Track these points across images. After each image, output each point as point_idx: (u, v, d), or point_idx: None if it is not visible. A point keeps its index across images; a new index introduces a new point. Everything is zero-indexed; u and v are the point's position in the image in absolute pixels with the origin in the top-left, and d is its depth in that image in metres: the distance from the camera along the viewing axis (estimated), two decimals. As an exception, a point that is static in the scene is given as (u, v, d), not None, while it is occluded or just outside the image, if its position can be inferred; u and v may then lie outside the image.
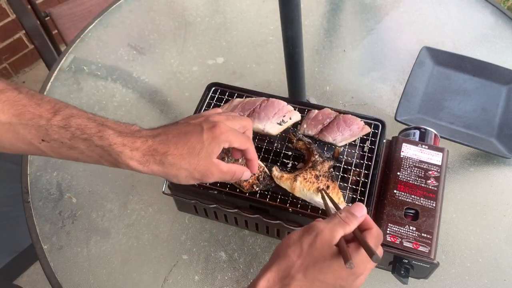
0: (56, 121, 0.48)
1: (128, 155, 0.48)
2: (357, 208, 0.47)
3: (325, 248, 0.44)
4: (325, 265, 0.43)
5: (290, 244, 0.45)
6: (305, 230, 0.46)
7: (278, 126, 0.69)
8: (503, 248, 0.73)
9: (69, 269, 0.75)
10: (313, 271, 0.43)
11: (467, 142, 0.80)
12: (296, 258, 0.44)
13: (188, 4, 1.18)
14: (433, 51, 0.94)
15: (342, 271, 0.43)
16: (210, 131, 0.50)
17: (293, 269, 0.43)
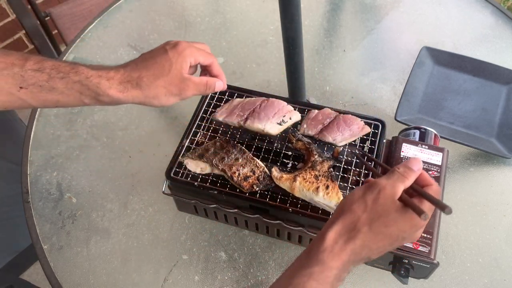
0: (29, 66, 0.48)
1: (106, 84, 0.51)
2: (414, 162, 0.49)
3: (388, 203, 0.46)
4: (389, 218, 0.45)
5: (355, 200, 0.48)
6: (367, 187, 0.48)
7: (278, 126, 0.69)
8: (503, 248, 0.73)
9: (69, 269, 0.75)
10: (378, 225, 0.45)
11: (467, 142, 0.80)
12: (361, 212, 0.46)
13: (188, 4, 1.18)
14: (433, 51, 0.94)
15: (406, 223, 0.45)
16: (174, 49, 0.53)
17: (359, 222, 0.46)
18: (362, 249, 0.46)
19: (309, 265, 0.45)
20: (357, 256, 0.46)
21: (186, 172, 0.67)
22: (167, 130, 0.93)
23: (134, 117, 0.95)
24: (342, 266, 0.45)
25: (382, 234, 0.46)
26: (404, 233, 0.46)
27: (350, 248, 0.45)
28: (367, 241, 0.46)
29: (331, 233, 0.46)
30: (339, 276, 0.45)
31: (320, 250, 0.45)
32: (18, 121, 1.13)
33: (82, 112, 0.96)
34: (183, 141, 0.70)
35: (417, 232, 0.48)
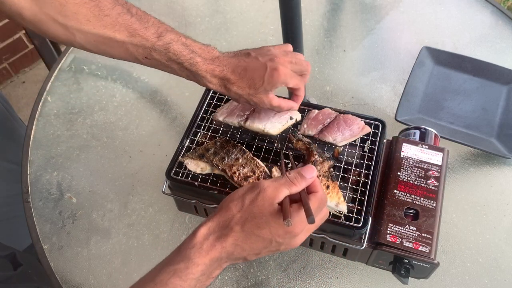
0: (158, 45, 0.57)
1: (208, 79, 0.60)
2: (307, 170, 0.49)
3: (266, 205, 0.46)
4: (262, 221, 0.46)
5: (234, 198, 0.49)
6: (250, 186, 0.49)
7: (279, 126, 0.69)
8: (503, 248, 0.73)
9: (69, 269, 0.75)
10: (250, 225, 0.46)
11: (467, 142, 0.80)
12: (237, 211, 0.47)
13: (188, 4, 1.18)
14: (433, 51, 0.94)
15: (279, 228, 0.46)
16: (271, 73, 0.58)
17: (232, 221, 0.47)
18: (234, 248, 0.46)
19: (175, 261, 0.45)
20: (229, 254, 0.46)
21: (186, 172, 0.67)
22: (167, 130, 0.93)
23: (134, 117, 0.95)
24: (210, 262, 0.45)
25: (254, 235, 0.46)
26: (278, 237, 0.46)
27: (221, 245, 0.46)
28: (239, 240, 0.46)
29: (203, 229, 0.47)
30: (208, 272, 0.46)
31: (189, 246, 0.46)
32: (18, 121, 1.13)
33: (82, 112, 0.96)
34: (183, 141, 0.70)
35: (294, 239, 0.47)
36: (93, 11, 0.54)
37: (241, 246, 0.46)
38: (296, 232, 0.47)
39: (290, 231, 0.46)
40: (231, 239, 0.46)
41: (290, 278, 0.72)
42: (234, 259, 0.47)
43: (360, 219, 0.60)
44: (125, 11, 0.57)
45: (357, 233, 0.61)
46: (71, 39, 0.56)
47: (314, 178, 0.49)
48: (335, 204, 0.59)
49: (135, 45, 0.57)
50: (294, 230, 0.46)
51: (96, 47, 0.58)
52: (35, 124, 0.95)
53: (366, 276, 0.71)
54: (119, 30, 0.56)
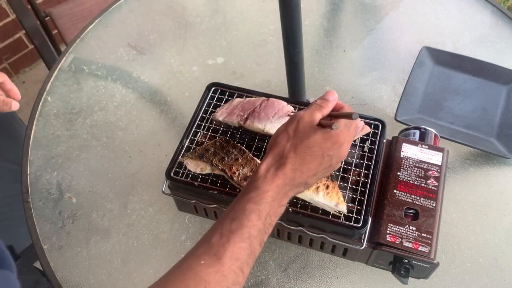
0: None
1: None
2: (329, 94, 0.56)
3: (307, 128, 0.52)
4: (310, 140, 0.51)
5: (279, 134, 0.54)
6: (288, 121, 0.55)
7: (278, 125, 0.69)
8: (503, 248, 0.73)
9: (69, 269, 0.75)
10: (301, 148, 0.51)
11: (467, 142, 0.80)
12: (285, 142, 0.52)
13: (188, 4, 1.18)
14: (433, 51, 0.94)
15: (326, 142, 0.51)
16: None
17: (285, 151, 0.52)
18: (293, 173, 0.51)
19: (247, 192, 0.50)
20: (291, 180, 0.51)
21: (186, 172, 0.67)
22: (167, 130, 0.93)
23: (134, 117, 0.95)
24: (277, 188, 0.50)
25: (308, 155, 0.51)
26: (328, 150, 0.51)
27: (282, 173, 0.50)
28: (296, 164, 0.51)
29: (263, 164, 0.52)
30: (278, 199, 0.50)
31: (255, 179, 0.51)
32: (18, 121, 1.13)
33: (82, 112, 0.96)
34: (183, 141, 0.70)
35: (342, 149, 0.53)
36: None
37: (299, 169, 0.51)
38: (341, 140, 0.52)
39: (336, 141, 0.51)
40: (289, 165, 0.51)
41: (290, 278, 0.72)
42: (297, 184, 0.52)
43: (360, 219, 0.60)
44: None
45: (357, 233, 0.61)
46: None
47: (336, 99, 0.56)
48: (335, 204, 0.59)
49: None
50: (338, 139, 0.51)
51: None
52: (35, 124, 0.95)
53: (366, 276, 0.71)
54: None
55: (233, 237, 0.47)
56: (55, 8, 1.47)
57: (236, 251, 0.46)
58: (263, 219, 0.49)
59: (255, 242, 0.48)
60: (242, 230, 0.47)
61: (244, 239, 0.47)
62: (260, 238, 0.49)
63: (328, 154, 0.52)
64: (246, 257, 0.47)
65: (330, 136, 0.51)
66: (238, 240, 0.47)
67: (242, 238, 0.47)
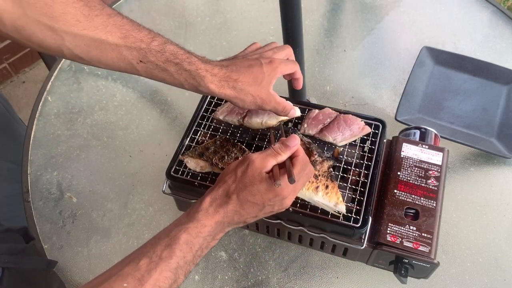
0: (154, 45, 0.54)
1: (209, 79, 0.56)
2: (290, 139, 0.55)
3: (255, 175, 0.52)
4: (254, 188, 0.51)
5: (228, 172, 0.55)
6: (241, 160, 0.55)
7: (275, 117, 0.68)
8: (503, 248, 0.73)
9: (70, 269, 0.75)
10: (244, 194, 0.52)
11: (467, 142, 0.80)
12: (231, 183, 0.53)
13: (189, 4, 1.18)
14: (433, 51, 0.94)
15: (269, 193, 0.51)
16: (268, 65, 0.59)
17: (229, 191, 0.53)
18: (233, 214, 0.52)
19: (185, 222, 0.51)
20: (230, 219, 0.52)
21: (186, 171, 0.67)
22: (167, 129, 0.93)
23: (135, 117, 0.95)
24: (215, 225, 0.51)
25: (249, 202, 0.52)
26: (269, 201, 0.52)
27: (223, 211, 0.52)
28: (236, 207, 0.52)
29: (208, 198, 0.53)
30: (213, 234, 0.52)
31: (197, 211, 0.52)
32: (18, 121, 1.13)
33: (83, 111, 0.96)
34: (183, 141, 0.70)
35: (284, 201, 0.53)
36: (82, 10, 0.51)
37: (239, 212, 0.52)
38: (284, 194, 0.52)
39: (278, 194, 0.51)
40: (231, 206, 0.52)
41: (290, 277, 0.72)
42: (235, 223, 0.53)
43: (360, 219, 0.60)
44: (115, 12, 0.54)
45: (357, 233, 0.61)
46: (59, 44, 0.52)
47: (297, 146, 0.55)
48: (334, 204, 0.59)
49: (129, 47, 0.54)
50: (282, 193, 0.52)
51: (88, 53, 0.53)
52: (35, 124, 0.95)
53: (366, 276, 0.71)
54: (111, 32, 0.53)
55: (161, 264, 0.48)
56: (55, 8, 1.47)
57: (160, 279, 0.47)
58: (194, 251, 0.50)
59: (181, 272, 0.49)
60: (171, 260, 0.48)
61: (172, 269, 0.48)
62: (186, 268, 0.50)
63: (269, 204, 0.52)
64: (167, 286, 0.48)
65: (274, 189, 0.51)
66: (165, 269, 0.48)
67: (169, 267, 0.48)
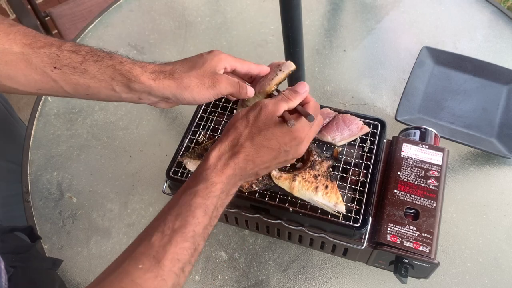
0: (66, 47, 0.50)
1: (138, 70, 0.51)
2: (300, 86, 0.53)
3: (269, 118, 0.49)
4: (268, 132, 0.49)
5: (238, 118, 0.50)
6: (251, 107, 0.51)
7: (272, 81, 0.61)
8: (504, 248, 0.73)
9: (70, 269, 0.75)
10: (259, 139, 0.49)
11: (467, 142, 0.80)
12: (244, 128, 0.49)
13: (189, 3, 1.18)
14: (434, 51, 0.94)
15: (284, 136, 0.49)
16: (209, 53, 0.56)
17: (241, 138, 0.49)
18: (246, 164, 0.48)
19: (194, 184, 0.47)
20: (242, 170, 0.48)
21: (186, 172, 0.67)
22: (167, 130, 0.93)
23: (135, 117, 0.95)
24: (227, 180, 0.47)
25: (264, 147, 0.49)
26: (285, 145, 0.49)
27: (234, 162, 0.48)
28: (250, 155, 0.48)
29: (215, 151, 0.49)
30: (227, 190, 0.48)
31: (204, 168, 0.48)
32: (18, 121, 1.13)
33: (83, 111, 0.96)
34: (183, 141, 0.70)
35: (300, 146, 0.50)
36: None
37: (252, 160, 0.48)
38: (300, 137, 0.50)
39: (295, 137, 0.49)
40: (243, 155, 0.48)
41: (290, 277, 0.72)
42: (247, 175, 0.50)
43: (360, 219, 0.60)
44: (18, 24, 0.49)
45: (357, 233, 0.61)
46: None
47: (307, 92, 0.53)
48: (334, 204, 0.59)
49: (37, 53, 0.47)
50: (298, 135, 0.49)
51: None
52: (35, 124, 0.95)
53: (366, 276, 0.71)
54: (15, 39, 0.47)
55: (175, 236, 0.43)
56: (55, 8, 1.48)
57: (178, 251, 0.43)
58: (210, 213, 0.46)
59: (199, 239, 0.45)
60: (185, 229, 0.44)
61: (188, 238, 0.44)
62: (204, 233, 0.46)
63: (285, 149, 0.50)
64: (188, 256, 0.44)
65: (290, 131, 0.49)
66: (180, 240, 0.43)
67: (185, 237, 0.44)
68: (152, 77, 0.52)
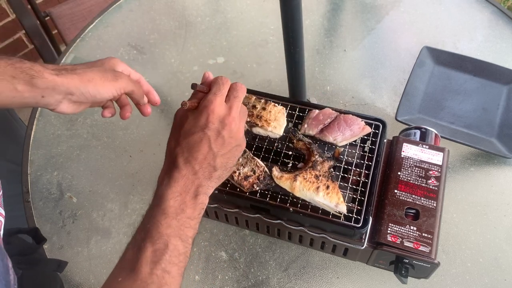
0: None
1: (40, 68, 0.50)
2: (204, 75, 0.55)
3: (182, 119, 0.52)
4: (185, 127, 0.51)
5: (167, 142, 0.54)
6: None
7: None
8: (504, 248, 0.73)
9: (70, 269, 0.75)
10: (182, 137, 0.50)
11: (467, 142, 0.80)
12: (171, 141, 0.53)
13: (189, 3, 1.18)
14: (434, 51, 0.94)
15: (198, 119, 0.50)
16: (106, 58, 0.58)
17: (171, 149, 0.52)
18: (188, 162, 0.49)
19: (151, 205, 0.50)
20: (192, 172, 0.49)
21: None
22: (167, 130, 0.92)
23: (135, 117, 0.94)
24: (180, 187, 0.48)
25: (191, 141, 0.49)
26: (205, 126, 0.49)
27: (177, 171, 0.49)
28: (185, 154, 0.49)
29: (160, 174, 0.52)
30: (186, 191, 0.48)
31: (155, 190, 0.50)
32: (18, 121, 1.13)
33: (83, 111, 0.96)
34: (183, 141, 0.70)
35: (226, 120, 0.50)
36: None
37: (191, 155, 0.49)
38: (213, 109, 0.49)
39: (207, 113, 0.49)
40: (179, 158, 0.49)
41: (290, 278, 0.72)
42: (202, 172, 0.50)
43: (360, 219, 0.60)
44: None
45: (357, 233, 0.61)
46: None
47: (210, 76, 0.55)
48: (335, 204, 0.59)
49: None
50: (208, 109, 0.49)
51: None
52: (35, 124, 0.95)
53: (367, 276, 0.71)
54: None
55: (143, 244, 0.45)
56: (55, 8, 1.47)
57: (150, 255, 0.45)
58: (173, 215, 0.47)
59: (174, 240, 0.46)
60: (151, 234, 0.46)
61: (155, 241, 0.45)
62: (178, 233, 0.47)
63: (209, 128, 0.49)
64: (167, 257, 0.45)
65: (199, 112, 0.49)
66: (149, 245, 0.45)
67: (153, 241, 0.45)
68: (55, 73, 0.52)
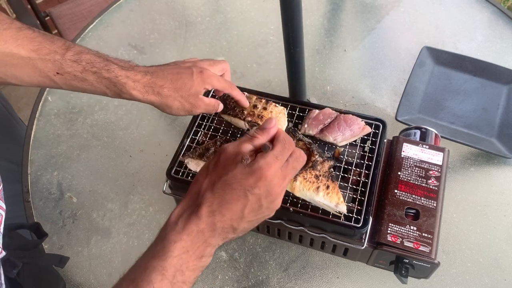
0: (69, 56, 0.53)
1: (131, 85, 0.56)
2: (267, 121, 0.48)
3: (229, 162, 0.44)
4: (228, 176, 0.43)
5: (200, 171, 0.47)
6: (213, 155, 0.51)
7: None
8: (504, 248, 0.73)
9: (70, 269, 0.75)
10: (220, 185, 0.43)
11: (467, 142, 0.80)
12: (203, 179, 0.45)
13: (189, 3, 1.18)
14: (434, 51, 0.94)
15: (247, 177, 0.43)
16: (199, 74, 0.59)
17: (202, 189, 0.44)
18: (211, 216, 0.43)
19: (153, 246, 0.44)
20: (210, 225, 0.43)
21: (187, 172, 0.67)
22: (167, 129, 0.93)
23: (135, 117, 0.95)
24: (188, 237, 0.42)
25: (227, 194, 0.43)
26: (252, 188, 0.42)
27: (197, 217, 0.42)
28: (213, 206, 0.43)
29: (177, 210, 0.45)
30: (193, 249, 0.42)
31: (164, 229, 0.44)
32: (18, 121, 1.13)
33: (83, 111, 0.96)
34: (184, 141, 0.70)
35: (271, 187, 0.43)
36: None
37: (219, 211, 0.43)
38: (266, 175, 0.43)
39: (259, 177, 0.42)
40: (205, 206, 0.43)
41: (290, 278, 0.72)
42: (220, 231, 0.43)
43: (360, 219, 0.60)
44: (26, 26, 0.52)
45: (357, 233, 0.61)
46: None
47: (276, 128, 0.48)
48: (335, 204, 0.59)
49: (43, 59, 0.51)
50: (262, 173, 0.43)
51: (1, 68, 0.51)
52: (36, 123, 0.95)
53: (367, 276, 0.71)
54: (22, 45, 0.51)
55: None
56: (55, 8, 1.48)
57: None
58: (170, 277, 0.41)
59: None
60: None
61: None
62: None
63: (253, 193, 0.43)
64: None
65: (252, 170, 0.42)
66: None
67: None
68: (142, 92, 0.57)
